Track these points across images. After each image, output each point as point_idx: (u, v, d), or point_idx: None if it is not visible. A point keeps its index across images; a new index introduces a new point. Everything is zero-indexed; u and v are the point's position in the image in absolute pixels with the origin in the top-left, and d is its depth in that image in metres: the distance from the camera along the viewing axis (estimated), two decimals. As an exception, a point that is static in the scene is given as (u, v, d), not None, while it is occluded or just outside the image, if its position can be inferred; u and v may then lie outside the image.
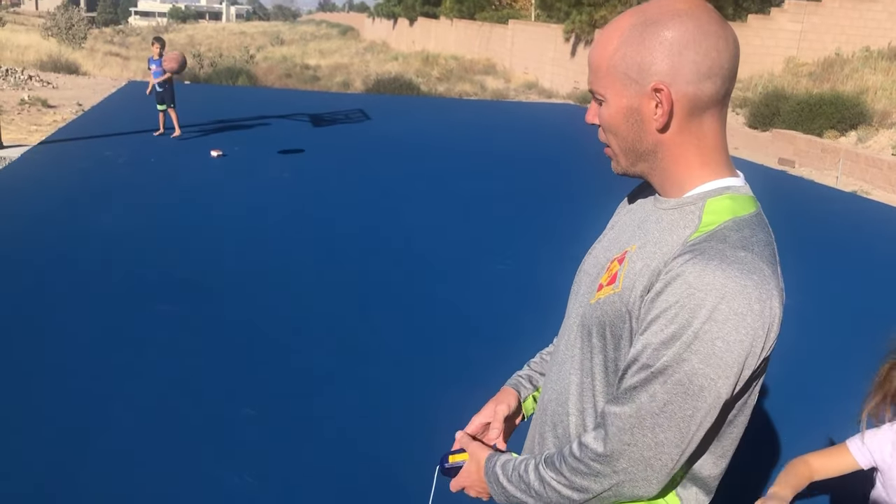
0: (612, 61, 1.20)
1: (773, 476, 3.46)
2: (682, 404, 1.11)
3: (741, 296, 1.08)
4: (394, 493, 3.13)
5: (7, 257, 5.59)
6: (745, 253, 1.12)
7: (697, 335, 1.08)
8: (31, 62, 19.39)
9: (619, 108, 1.22)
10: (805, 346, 4.98)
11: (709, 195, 1.22)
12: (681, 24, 1.15)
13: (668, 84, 1.16)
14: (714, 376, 1.10)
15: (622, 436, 1.14)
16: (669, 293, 1.11)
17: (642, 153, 1.24)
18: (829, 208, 9.38)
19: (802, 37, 19.00)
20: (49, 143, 9.79)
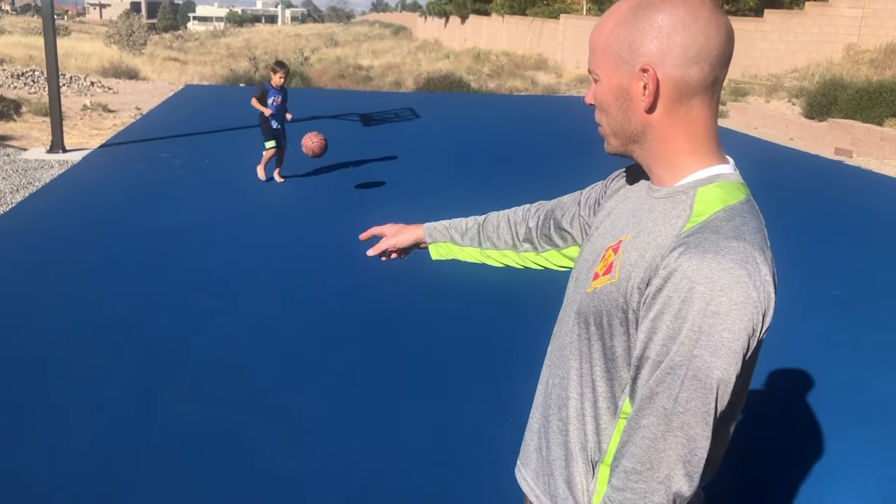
0: (607, 41, 1.25)
1: (818, 462, 3.43)
2: (703, 399, 1.14)
3: (738, 285, 1.11)
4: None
5: (69, 254, 5.84)
6: (738, 242, 1.15)
7: (703, 329, 1.12)
8: (94, 69, 20.05)
9: (611, 88, 1.26)
10: (860, 339, 4.89)
11: (699, 184, 1.24)
12: (673, 8, 1.19)
13: (655, 65, 1.20)
14: (725, 366, 1.13)
15: (656, 444, 1.16)
16: (669, 288, 1.14)
17: (632, 134, 1.28)
18: (889, 198, 9.12)
19: (863, 23, 18.45)
20: (108, 147, 10.14)
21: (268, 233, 6.66)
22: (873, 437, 3.70)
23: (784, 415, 3.91)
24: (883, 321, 5.15)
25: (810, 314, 5.17)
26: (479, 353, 4.42)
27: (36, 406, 3.67)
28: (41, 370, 4.02)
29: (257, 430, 3.55)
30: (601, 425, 1.33)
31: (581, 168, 9.79)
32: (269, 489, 3.11)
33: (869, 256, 6.57)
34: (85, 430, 3.48)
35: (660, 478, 1.17)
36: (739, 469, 3.29)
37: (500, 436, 3.42)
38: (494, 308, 5.08)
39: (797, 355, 4.46)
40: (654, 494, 1.17)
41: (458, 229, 1.82)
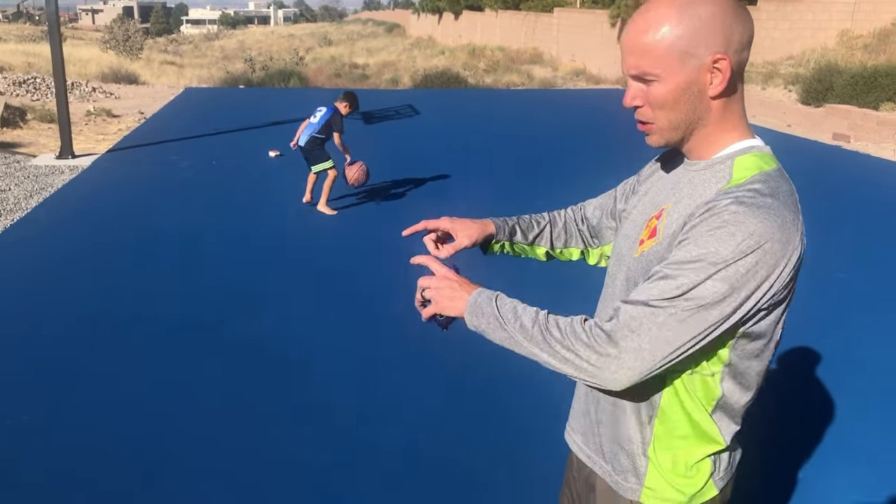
0: (666, 42, 1.31)
1: (835, 442, 3.57)
2: (693, 315, 1.25)
3: (765, 235, 1.24)
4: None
5: (86, 256, 5.97)
6: (772, 200, 1.28)
7: (723, 261, 1.23)
8: (94, 74, 20.14)
9: (678, 84, 1.33)
10: (859, 319, 5.03)
11: (737, 154, 1.38)
12: (715, 2, 1.31)
13: (726, 54, 1.32)
14: (729, 299, 1.25)
15: (631, 323, 1.27)
16: (704, 224, 1.27)
17: (694, 122, 1.38)
18: (887, 181, 9.26)
19: (857, 8, 18.55)
20: (116, 151, 10.26)
21: (283, 230, 6.80)
22: (872, 406, 3.85)
23: (795, 388, 4.05)
24: (885, 301, 5.29)
25: (817, 296, 5.31)
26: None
27: (68, 403, 3.81)
28: (67, 370, 4.15)
29: (286, 419, 3.68)
30: (653, 380, 1.40)
31: (589, 157, 9.93)
32: (296, 476, 3.24)
33: (871, 239, 6.71)
34: (116, 424, 3.61)
35: (610, 351, 1.28)
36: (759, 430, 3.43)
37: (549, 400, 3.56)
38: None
39: (809, 335, 4.60)
40: (597, 353, 1.29)
41: (527, 229, 1.81)
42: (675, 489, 1.46)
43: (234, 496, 3.10)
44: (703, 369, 1.38)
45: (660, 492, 1.46)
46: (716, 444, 1.44)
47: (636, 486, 1.49)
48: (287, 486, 3.17)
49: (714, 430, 1.43)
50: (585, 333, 1.31)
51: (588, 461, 1.59)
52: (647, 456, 1.47)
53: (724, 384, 1.40)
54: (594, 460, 1.57)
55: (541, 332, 1.35)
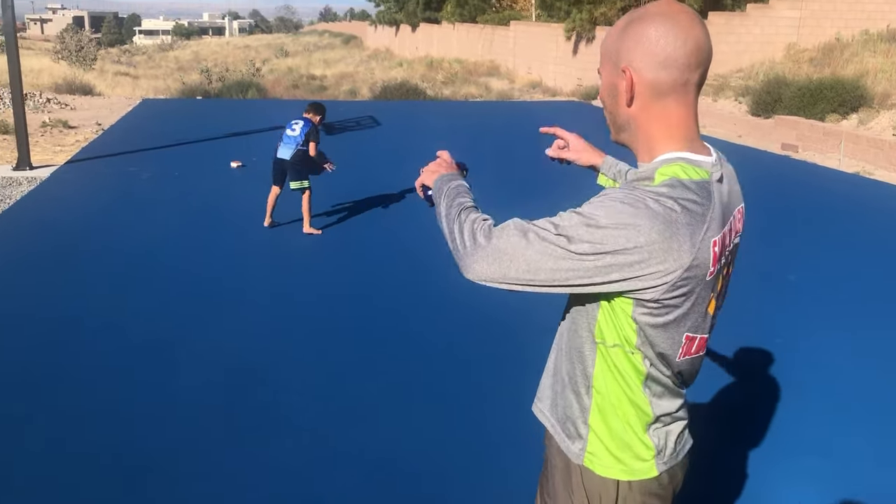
0: (605, 46, 1.55)
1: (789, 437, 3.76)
2: (553, 256, 1.40)
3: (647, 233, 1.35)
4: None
5: (48, 268, 5.94)
6: (672, 204, 1.38)
7: (597, 226, 1.37)
8: (47, 86, 19.84)
9: (606, 84, 1.56)
10: (809, 318, 5.27)
11: (664, 162, 1.50)
12: (652, 22, 1.46)
13: (632, 69, 1.48)
14: (588, 262, 1.38)
15: (510, 231, 1.45)
16: (594, 199, 1.43)
17: (620, 124, 1.57)
18: (833, 189, 9.63)
19: (802, 23, 19.19)
20: (75, 163, 10.17)
21: (249, 240, 6.83)
22: (824, 399, 4.06)
23: (746, 383, 4.25)
24: (833, 301, 5.55)
25: (769, 297, 5.54)
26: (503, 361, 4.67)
27: (29, 412, 3.82)
28: (32, 376, 4.16)
29: (252, 431, 3.75)
30: (585, 354, 1.59)
31: (546, 167, 10.13)
32: (275, 480, 3.32)
33: (819, 243, 7.00)
34: (78, 440, 3.64)
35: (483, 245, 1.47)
36: (714, 425, 3.60)
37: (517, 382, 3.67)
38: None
39: (761, 334, 4.81)
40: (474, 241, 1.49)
41: (621, 173, 2.12)
42: (615, 458, 1.59)
43: (208, 500, 3.17)
44: (622, 344, 1.51)
45: (600, 458, 1.60)
46: (646, 415, 1.57)
47: (580, 451, 1.63)
48: (261, 491, 3.24)
49: (644, 402, 1.56)
50: (480, 228, 1.51)
51: (551, 429, 1.73)
52: (587, 424, 1.61)
53: (645, 360, 1.52)
54: (555, 427, 1.71)
55: (457, 215, 1.58)
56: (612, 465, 1.60)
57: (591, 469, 1.61)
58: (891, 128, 12.32)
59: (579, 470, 1.63)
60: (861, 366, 4.51)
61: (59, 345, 4.58)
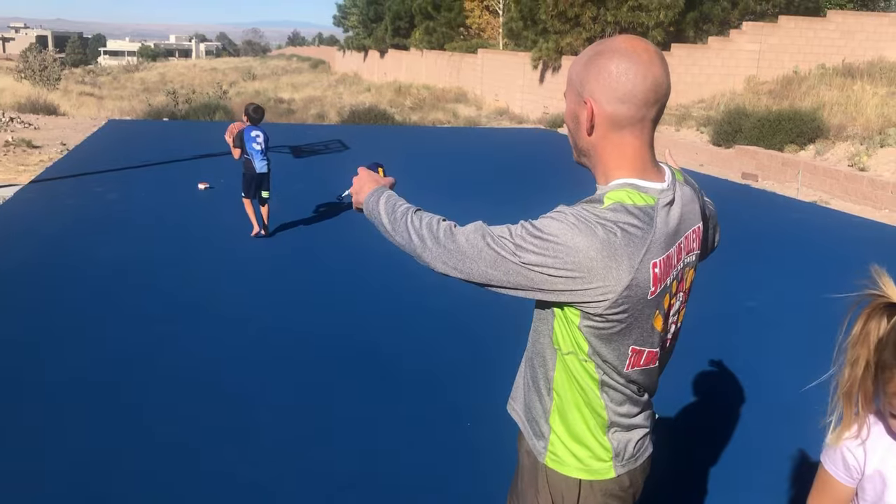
0: (570, 75, 1.64)
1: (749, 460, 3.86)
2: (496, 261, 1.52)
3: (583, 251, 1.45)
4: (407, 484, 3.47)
5: (14, 287, 5.88)
6: (611, 226, 1.48)
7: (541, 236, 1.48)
8: (9, 105, 19.61)
9: (569, 111, 1.66)
10: (767, 342, 5.41)
11: (615, 187, 1.59)
12: (614, 57, 1.54)
13: (593, 101, 1.57)
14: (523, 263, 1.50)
15: (469, 235, 1.58)
16: (549, 213, 1.53)
17: (581, 149, 1.67)
18: (791, 217, 9.89)
19: (761, 56, 19.75)
20: (40, 182, 10.07)
21: (215, 260, 6.83)
22: (779, 421, 4.17)
23: (709, 402, 4.35)
24: (792, 328, 5.71)
25: (729, 322, 5.68)
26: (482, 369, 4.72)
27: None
28: None
29: (219, 447, 3.76)
30: (546, 358, 1.68)
31: (516, 192, 10.26)
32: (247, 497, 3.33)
33: (778, 270, 7.19)
34: (57, 455, 3.62)
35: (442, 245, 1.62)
36: (677, 439, 3.69)
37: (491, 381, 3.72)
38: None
39: (721, 356, 4.94)
40: (429, 243, 1.64)
41: None
42: (574, 457, 1.68)
43: (181, 517, 3.16)
44: (575, 352, 1.60)
45: (560, 457, 1.69)
46: (602, 419, 1.66)
47: (543, 449, 1.72)
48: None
49: (600, 406, 1.65)
50: (440, 227, 1.64)
51: (522, 428, 1.82)
52: (548, 423, 1.71)
53: (598, 369, 1.61)
54: (525, 426, 1.79)
55: (406, 219, 1.69)
56: (573, 463, 1.68)
57: (555, 469, 1.69)
58: (846, 159, 12.70)
59: (544, 470, 1.71)
60: (817, 390, 4.63)
61: (19, 366, 4.53)
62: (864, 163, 12.03)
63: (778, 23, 19.88)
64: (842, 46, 19.66)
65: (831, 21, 19.96)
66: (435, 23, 35.57)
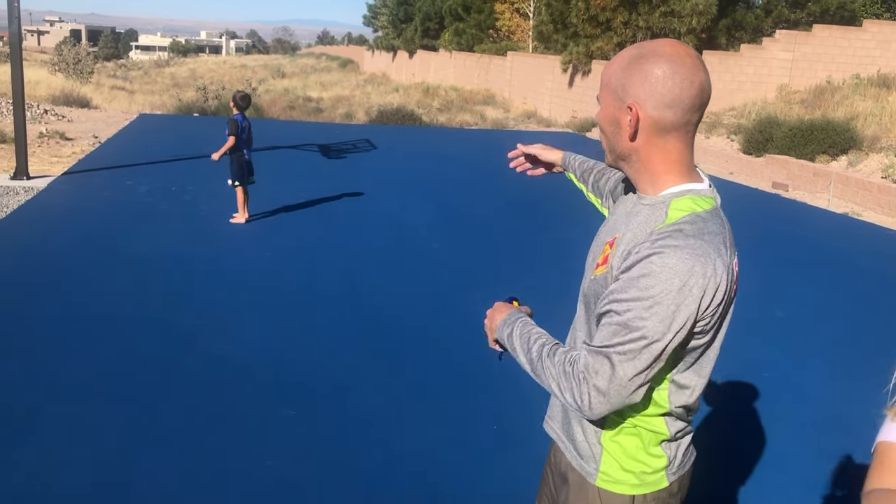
0: (610, 78, 1.60)
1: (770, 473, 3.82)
2: (642, 354, 1.47)
3: (689, 273, 1.44)
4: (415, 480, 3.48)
5: (43, 278, 5.96)
6: (696, 240, 1.48)
7: (656, 300, 1.44)
8: (44, 97, 19.88)
9: (607, 114, 1.62)
10: (797, 353, 5.35)
11: (674, 196, 1.58)
12: (658, 62, 1.53)
13: (638, 105, 1.54)
14: (666, 332, 1.46)
15: (594, 367, 1.49)
16: (638, 268, 1.47)
17: (620, 154, 1.63)
18: (822, 228, 9.77)
19: (794, 65, 19.53)
20: (72, 174, 10.20)
21: (246, 256, 6.87)
22: (808, 433, 4.12)
23: (735, 416, 4.31)
24: (823, 339, 5.63)
25: (759, 332, 5.62)
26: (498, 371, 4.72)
27: (28, 421, 3.84)
28: (32, 389, 4.18)
29: (253, 439, 3.78)
30: None
31: (541, 196, 10.25)
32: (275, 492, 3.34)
33: (807, 281, 7.11)
34: (86, 448, 3.66)
35: (584, 392, 1.51)
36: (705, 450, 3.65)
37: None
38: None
39: (749, 368, 4.89)
40: (576, 394, 1.52)
41: (581, 169, 2.29)
42: (628, 472, 1.65)
43: (209, 509, 3.19)
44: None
45: (613, 475, 1.66)
46: (661, 434, 1.64)
47: (594, 470, 1.69)
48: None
49: (661, 423, 1.64)
50: (568, 374, 1.54)
51: (563, 447, 1.79)
52: (601, 443, 1.67)
53: (671, 384, 1.60)
54: (566, 445, 1.77)
55: (540, 364, 1.61)
56: (626, 480, 1.65)
57: (607, 489, 1.66)
58: (879, 170, 12.52)
59: (596, 490, 1.68)
60: (847, 401, 4.58)
61: (56, 355, 4.59)
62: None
63: (812, 31, 19.66)
64: (877, 57, 19.40)
65: (867, 30, 19.69)
66: (465, 24, 35.57)
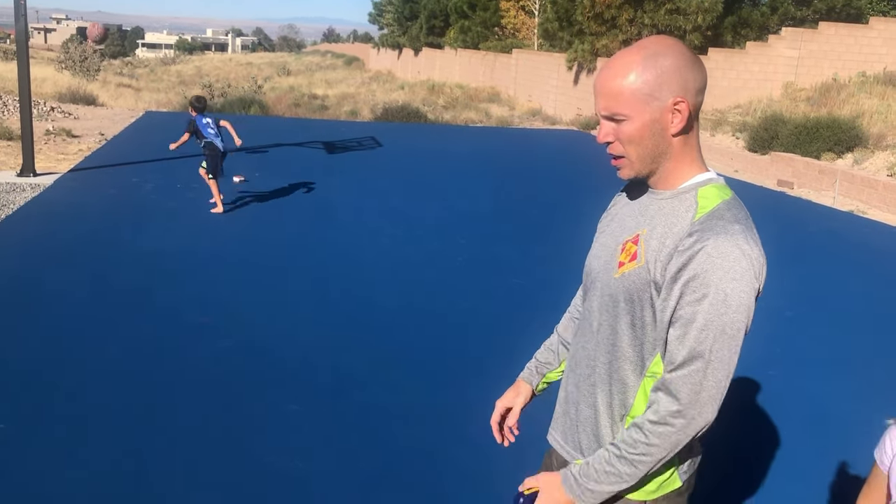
0: (633, 87, 1.54)
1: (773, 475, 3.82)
2: (728, 347, 1.50)
3: (745, 257, 1.48)
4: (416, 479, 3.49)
5: (50, 274, 5.99)
6: (738, 225, 1.52)
7: (727, 292, 1.47)
8: (50, 94, 19.94)
9: (644, 123, 1.56)
10: (804, 352, 5.35)
11: (699, 185, 1.61)
12: (675, 53, 1.55)
13: (685, 97, 1.55)
14: (744, 318, 1.50)
15: (693, 387, 1.49)
16: (696, 263, 1.49)
17: (657, 156, 1.60)
18: (828, 226, 9.75)
19: (800, 63, 19.47)
20: (78, 171, 10.24)
21: (248, 254, 6.89)
22: (816, 433, 4.12)
23: (744, 416, 4.31)
24: (829, 338, 5.63)
25: (766, 331, 5.61)
26: (499, 369, 4.73)
27: (36, 417, 3.86)
28: (36, 384, 4.20)
29: (257, 434, 3.79)
30: (628, 384, 1.65)
31: (547, 193, 10.24)
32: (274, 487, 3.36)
33: (814, 280, 7.10)
34: (87, 443, 3.68)
35: (693, 414, 1.51)
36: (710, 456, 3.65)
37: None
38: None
39: (754, 366, 4.89)
40: (688, 427, 1.52)
41: (547, 363, 2.02)
42: (647, 479, 1.65)
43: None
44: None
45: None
46: None
47: None
48: (261, 494, 3.28)
49: None
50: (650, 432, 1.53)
51: (568, 457, 1.78)
52: None
53: None
54: (573, 456, 1.76)
55: (629, 465, 1.56)
56: (644, 487, 1.65)
57: (624, 496, 1.66)
58: (885, 168, 12.49)
59: (611, 499, 1.67)
60: (853, 400, 4.58)
61: (62, 356, 4.62)
62: (904, 173, 11.83)
63: (818, 29, 19.59)
64: (884, 54, 19.32)
65: (873, 28, 19.62)
66: (470, 22, 35.55)
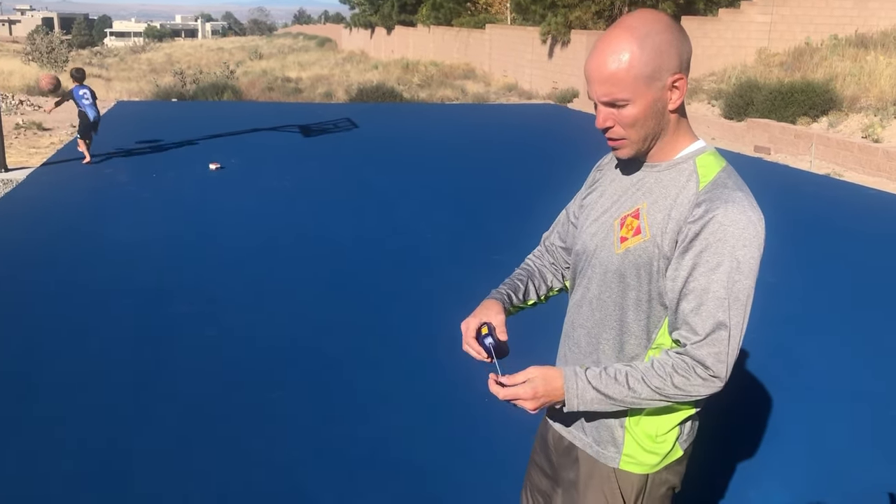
0: (634, 71, 1.50)
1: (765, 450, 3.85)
2: (742, 313, 1.53)
3: (752, 223, 1.52)
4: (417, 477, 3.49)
5: (26, 272, 5.91)
6: (741, 192, 1.56)
7: (740, 260, 1.50)
8: (18, 87, 19.61)
9: (647, 104, 1.53)
10: (787, 318, 5.40)
11: (695, 154, 1.62)
12: (666, 30, 1.53)
13: (683, 73, 1.55)
14: (753, 283, 1.54)
15: (719, 356, 1.52)
16: (707, 233, 1.51)
17: (658, 133, 1.59)
18: (805, 190, 9.82)
19: (772, 28, 19.51)
20: (51, 165, 10.09)
21: (230, 241, 6.84)
22: (827, 414, 4.17)
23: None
24: (814, 306, 5.69)
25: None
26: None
27: (15, 416, 3.82)
28: (21, 382, 4.15)
29: (244, 425, 3.78)
30: (635, 359, 1.65)
31: (527, 167, 10.22)
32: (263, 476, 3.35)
33: (793, 244, 7.15)
34: (69, 440, 3.65)
35: (714, 376, 1.54)
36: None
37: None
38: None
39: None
40: (706, 386, 1.55)
41: (520, 294, 1.93)
42: (649, 453, 1.67)
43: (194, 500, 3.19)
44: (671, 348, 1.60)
45: (636, 457, 1.68)
46: (684, 412, 1.66)
47: (615, 454, 1.69)
48: (249, 484, 3.27)
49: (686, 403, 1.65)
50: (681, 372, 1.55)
51: (568, 435, 1.78)
52: (624, 427, 1.68)
53: None
54: (574, 434, 1.76)
55: (642, 385, 1.56)
56: (647, 460, 1.68)
57: (629, 471, 1.68)
58: (859, 130, 12.58)
59: (615, 473, 1.69)
60: (835, 363, 4.63)
61: (42, 350, 4.57)
62: (878, 134, 11.91)
63: (790, -7, 19.62)
64: (855, 17, 19.39)
65: (844, -10, 19.68)
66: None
